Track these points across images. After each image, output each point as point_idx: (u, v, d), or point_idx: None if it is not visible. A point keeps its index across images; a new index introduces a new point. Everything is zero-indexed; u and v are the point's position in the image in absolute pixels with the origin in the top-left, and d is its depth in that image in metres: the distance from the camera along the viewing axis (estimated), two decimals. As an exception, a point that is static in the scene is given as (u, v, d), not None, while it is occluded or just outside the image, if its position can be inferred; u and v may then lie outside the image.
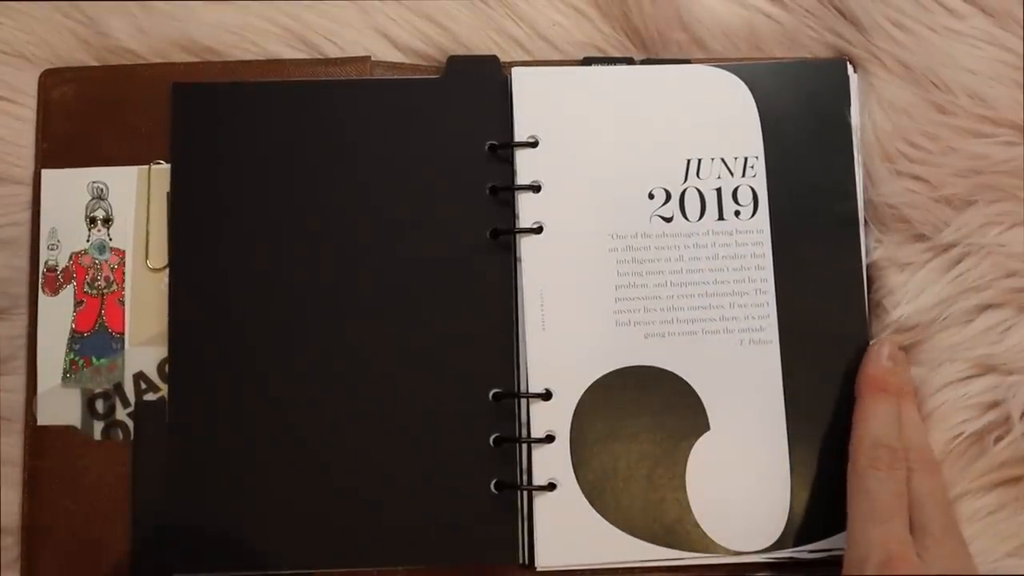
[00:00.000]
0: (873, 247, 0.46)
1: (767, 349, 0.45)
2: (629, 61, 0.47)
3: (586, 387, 0.44)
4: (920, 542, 0.39)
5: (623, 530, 0.43)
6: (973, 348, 0.45)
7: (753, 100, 0.46)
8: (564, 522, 0.43)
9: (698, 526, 0.43)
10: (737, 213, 0.45)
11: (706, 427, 0.44)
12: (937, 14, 0.46)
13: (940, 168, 0.46)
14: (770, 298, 0.45)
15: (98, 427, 0.45)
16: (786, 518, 0.44)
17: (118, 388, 0.45)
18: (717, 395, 0.44)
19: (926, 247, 0.46)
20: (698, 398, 0.44)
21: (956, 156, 0.46)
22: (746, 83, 0.46)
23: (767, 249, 0.45)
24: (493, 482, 0.44)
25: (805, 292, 0.45)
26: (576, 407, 0.44)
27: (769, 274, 0.45)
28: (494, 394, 0.44)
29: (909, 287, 0.46)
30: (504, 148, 0.45)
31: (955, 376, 0.45)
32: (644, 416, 0.44)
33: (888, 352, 0.44)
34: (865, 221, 0.46)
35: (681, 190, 0.45)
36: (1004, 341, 0.45)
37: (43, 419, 0.44)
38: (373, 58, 0.47)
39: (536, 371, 0.44)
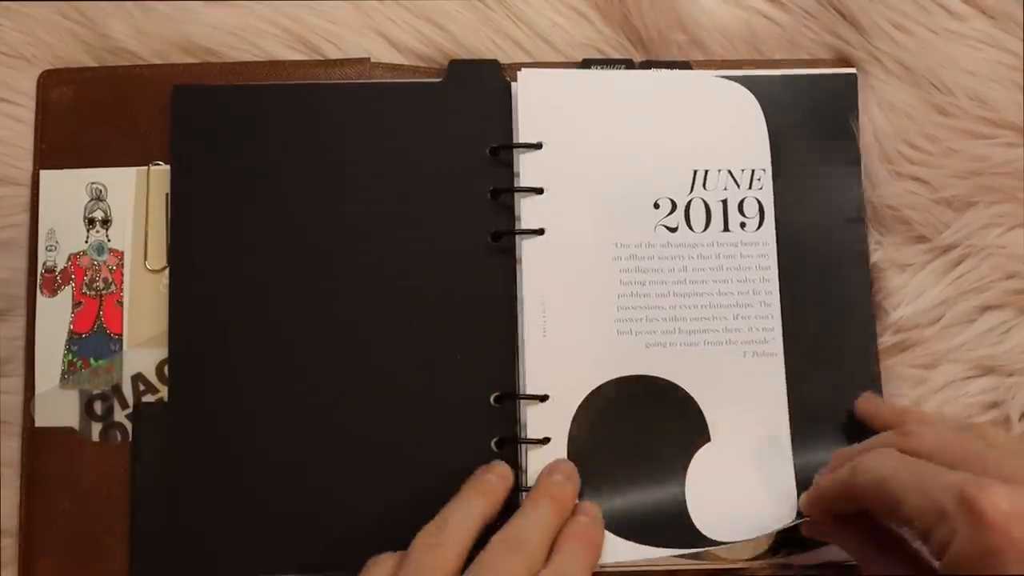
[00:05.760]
0: (873, 248, 0.46)
1: (771, 361, 0.44)
2: (629, 63, 0.47)
3: (585, 394, 0.44)
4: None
5: (616, 534, 0.43)
6: (973, 349, 0.45)
7: (762, 113, 0.46)
8: None
9: (696, 531, 0.43)
10: (743, 225, 0.45)
11: (707, 438, 0.44)
12: (937, 16, 0.46)
13: (940, 170, 0.46)
14: (775, 310, 0.45)
15: (96, 428, 0.44)
16: (786, 525, 0.43)
17: (116, 389, 0.45)
18: (719, 406, 0.44)
19: (926, 248, 0.46)
20: (699, 409, 0.44)
21: (956, 158, 0.46)
22: (755, 95, 0.46)
23: (772, 261, 0.45)
24: (494, 484, 0.44)
25: (812, 304, 0.45)
26: (575, 414, 0.44)
27: (774, 286, 0.45)
28: (495, 397, 0.44)
29: (909, 288, 0.46)
30: (505, 150, 0.45)
31: (955, 377, 0.45)
32: (643, 425, 0.44)
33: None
34: (865, 223, 0.46)
35: (687, 201, 0.45)
36: (1004, 342, 0.45)
37: (41, 420, 0.44)
38: (372, 59, 0.47)
39: (535, 377, 0.44)
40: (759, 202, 0.45)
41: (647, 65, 0.47)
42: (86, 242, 0.46)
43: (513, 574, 0.37)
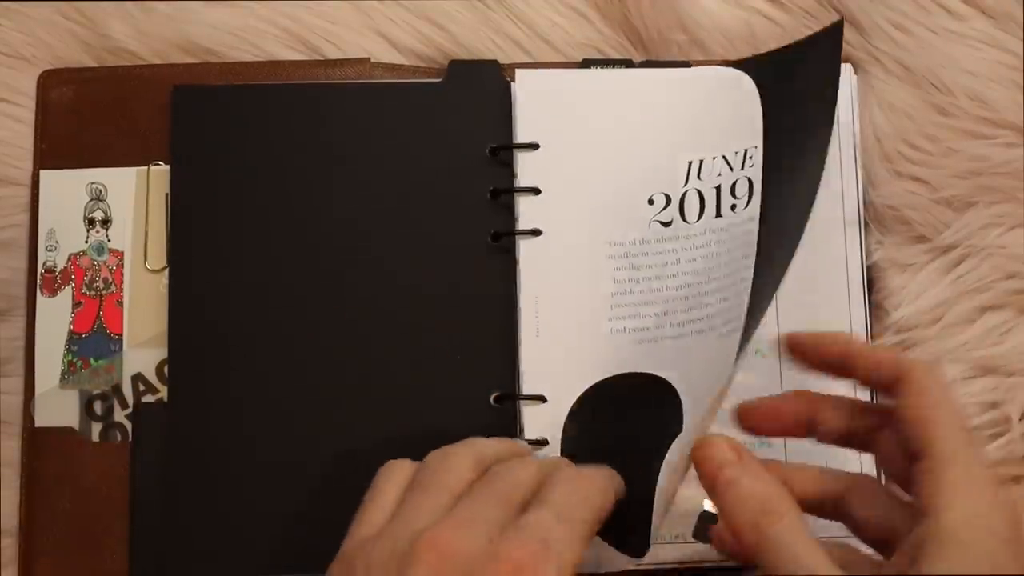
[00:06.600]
0: (874, 248, 0.46)
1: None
2: (628, 63, 0.47)
3: (579, 393, 0.43)
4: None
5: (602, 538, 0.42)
6: (973, 350, 0.45)
7: (755, 88, 0.45)
8: None
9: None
10: (733, 207, 0.44)
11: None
12: (937, 16, 0.46)
13: (940, 170, 0.46)
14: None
15: (96, 428, 0.44)
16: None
17: (116, 390, 0.45)
18: (699, 393, 0.43)
19: (926, 248, 0.46)
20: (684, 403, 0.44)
21: (956, 158, 0.46)
22: (748, 73, 0.45)
23: (755, 237, 0.43)
24: (494, 484, 0.43)
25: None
26: (568, 413, 0.43)
27: (752, 262, 0.43)
28: (495, 397, 0.44)
29: (910, 289, 0.45)
30: (505, 151, 0.45)
31: (955, 377, 0.45)
32: (635, 423, 0.43)
33: None
34: (866, 222, 0.46)
35: (681, 193, 0.45)
36: (1004, 343, 0.45)
37: (41, 421, 0.44)
38: (372, 59, 0.47)
39: (530, 376, 0.44)
40: (750, 180, 0.44)
41: (647, 65, 0.47)
42: (86, 242, 0.46)
43: (523, 479, 0.36)
